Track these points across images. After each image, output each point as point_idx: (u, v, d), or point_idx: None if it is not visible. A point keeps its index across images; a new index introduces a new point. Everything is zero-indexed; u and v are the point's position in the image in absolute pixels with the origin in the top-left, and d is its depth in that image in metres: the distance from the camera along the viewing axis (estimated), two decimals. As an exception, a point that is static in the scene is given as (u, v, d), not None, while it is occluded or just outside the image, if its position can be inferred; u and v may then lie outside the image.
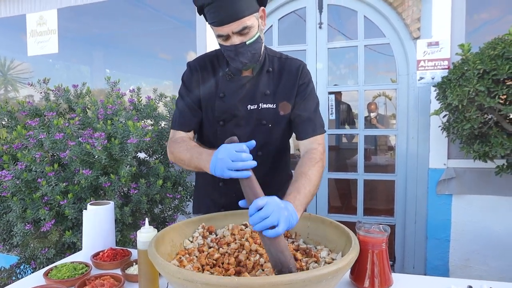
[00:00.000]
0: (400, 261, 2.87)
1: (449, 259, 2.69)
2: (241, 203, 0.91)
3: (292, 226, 0.88)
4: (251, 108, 1.24)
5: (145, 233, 1.19)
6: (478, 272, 2.61)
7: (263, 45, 1.21)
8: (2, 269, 2.02)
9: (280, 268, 0.83)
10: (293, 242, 1.09)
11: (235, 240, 1.03)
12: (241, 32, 1.10)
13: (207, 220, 1.14)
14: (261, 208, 0.83)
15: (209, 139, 1.32)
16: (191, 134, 1.30)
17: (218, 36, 1.12)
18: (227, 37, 1.11)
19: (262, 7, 1.15)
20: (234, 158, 0.90)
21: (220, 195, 1.34)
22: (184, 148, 1.16)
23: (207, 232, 1.09)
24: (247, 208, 0.88)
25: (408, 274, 2.71)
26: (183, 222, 1.07)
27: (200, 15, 1.16)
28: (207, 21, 1.17)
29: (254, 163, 0.91)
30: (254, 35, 1.12)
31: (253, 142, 0.97)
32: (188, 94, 1.29)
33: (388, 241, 1.05)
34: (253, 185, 0.90)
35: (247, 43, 1.12)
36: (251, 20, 1.09)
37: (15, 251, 2.16)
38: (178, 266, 0.89)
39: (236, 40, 1.11)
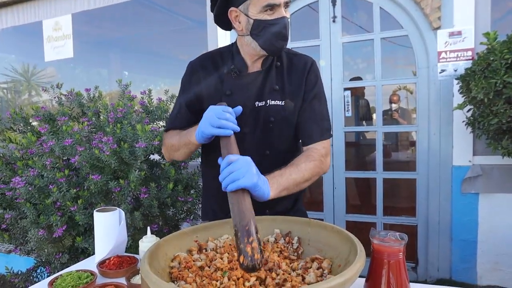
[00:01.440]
0: (424, 264, 2.74)
1: (477, 262, 2.53)
2: (219, 160, 0.94)
3: (259, 192, 0.88)
4: (259, 105, 1.19)
5: (147, 242, 1.17)
6: (509, 275, 2.45)
7: None
8: (19, 273, 2.05)
9: (237, 228, 0.80)
10: (296, 250, 1.03)
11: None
12: (287, 4, 1.10)
13: (203, 230, 1.09)
14: (231, 163, 0.86)
15: (213, 141, 1.27)
16: None
17: (267, 6, 1.06)
18: (275, 8, 1.07)
19: None
20: (219, 115, 0.96)
21: (226, 199, 1.29)
22: (173, 135, 1.21)
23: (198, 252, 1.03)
24: None
25: (431, 278, 2.59)
26: (175, 234, 1.02)
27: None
28: (225, 9, 1.14)
29: (237, 128, 0.96)
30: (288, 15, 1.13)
31: (239, 108, 1.03)
32: (182, 97, 1.25)
33: (405, 250, 0.97)
34: (231, 145, 0.93)
35: (289, 18, 1.12)
36: None
37: (32, 254, 2.19)
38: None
39: (283, 12, 1.09)
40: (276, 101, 1.19)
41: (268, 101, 1.19)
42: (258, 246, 0.76)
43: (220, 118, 0.95)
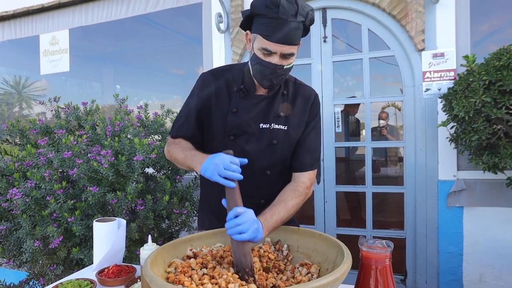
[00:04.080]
0: (412, 276, 2.80)
1: (463, 274, 2.61)
2: (223, 201, 1.04)
3: (255, 240, 0.98)
4: (263, 126, 1.26)
5: (148, 250, 1.21)
6: (494, 287, 2.53)
7: None
8: (11, 285, 2.04)
9: (239, 268, 0.96)
10: (286, 257, 1.09)
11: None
12: (286, 56, 1.14)
13: (198, 239, 1.14)
14: (237, 216, 0.97)
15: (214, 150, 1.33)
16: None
17: (264, 49, 1.13)
18: (270, 54, 1.13)
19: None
20: (226, 166, 1.01)
21: (223, 209, 1.35)
22: (179, 149, 1.25)
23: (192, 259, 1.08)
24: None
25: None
26: (172, 243, 1.09)
27: (244, 19, 1.17)
28: (246, 29, 1.19)
29: (240, 177, 1.02)
30: (291, 63, 1.19)
31: (245, 160, 1.08)
32: (193, 104, 1.30)
33: (391, 256, 1.03)
34: (235, 195, 1.01)
35: (284, 67, 1.17)
36: (296, 49, 1.17)
37: (25, 267, 2.18)
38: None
39: (278, 60, 1.14)
40: (280, 126, 1.27)
41: (272, 124, 1.27)
42: (255, 281, 0.95)
43: (226, 169, 1.00)
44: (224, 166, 1.01)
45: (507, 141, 2.02)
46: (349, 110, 4.66)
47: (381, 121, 4.64)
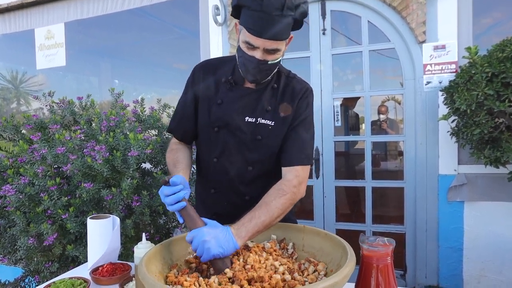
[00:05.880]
0: (412, 271, 2.79)
1: (463, 269, 2.59)
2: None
3: (222, 254, 0.94)
4: (249, 120, 1.22)
5: (143, 248, 1.18)
6: (494, 282, 2.51)
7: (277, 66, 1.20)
8: (6, 283, 2.01)
9: None
10: (291, 255, 1.06)
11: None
12: (270, 51, 1.09)
13: None
14: (191, 242, 0.97)
15: (205, 144, 1.30)
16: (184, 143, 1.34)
17: (247, 42, 1.08)
18: (253, 48, 1.09)
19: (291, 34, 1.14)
20: (164, 201, 1.01)
21: (212, 202, 1.33)
22: (172, 161, 1.25)
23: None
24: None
25: (419, 285, 2.63)
26: (172, 240, 1.06)
27: (233, 9, 1.12)
28: (237, 19, 1.14)
29: (183, 204, 0.99)
30: (277, 58, 1.13)
31: (178, 179, 1.04)
32: (185, 100, 1.29)
33: (393, 254, 1.00)
34: (189, 214, 1.00)
35: (268, 62, 1.11)
36: (282, 45, 1.11)
37: (21, 263, 2.16)
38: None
39: (261, 55, 1.09)
40: (266, 121, 1.21)
41: (258, 119, 1.21)
42: None
43: (167, 204, 1.01)
44: (163, 200, 1.01)
45: (510, 134, 1.98)
46: (349, 104, 4.61)
47: (381, 115, 4.60)
